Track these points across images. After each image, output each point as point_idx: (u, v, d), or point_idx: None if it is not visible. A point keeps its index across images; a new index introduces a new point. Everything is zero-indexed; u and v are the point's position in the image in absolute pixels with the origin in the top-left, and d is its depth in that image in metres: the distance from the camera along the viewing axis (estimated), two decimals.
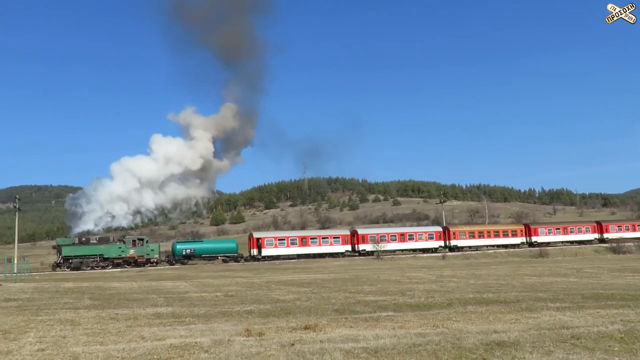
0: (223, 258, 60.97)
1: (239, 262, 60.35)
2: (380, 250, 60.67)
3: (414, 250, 66.75)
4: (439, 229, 71.40)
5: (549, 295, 16.72)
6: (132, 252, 55.85)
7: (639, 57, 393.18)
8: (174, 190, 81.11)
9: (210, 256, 61.09)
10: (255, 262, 59.29)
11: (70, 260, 53.28)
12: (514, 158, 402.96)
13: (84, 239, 57.97)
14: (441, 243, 67.91)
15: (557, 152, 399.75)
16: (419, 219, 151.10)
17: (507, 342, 8.66)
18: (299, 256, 62.44)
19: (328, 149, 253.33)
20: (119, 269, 53.45)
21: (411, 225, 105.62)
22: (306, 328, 10.61)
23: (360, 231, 70.08)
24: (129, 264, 55.37)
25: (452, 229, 70.25)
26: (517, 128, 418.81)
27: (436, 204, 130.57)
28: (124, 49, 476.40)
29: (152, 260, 56.92)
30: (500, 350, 8.06)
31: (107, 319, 13.12)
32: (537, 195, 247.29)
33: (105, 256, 54.90)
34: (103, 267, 53.75)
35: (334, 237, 65.94)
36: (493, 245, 69.08)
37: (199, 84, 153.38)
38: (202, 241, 68.08)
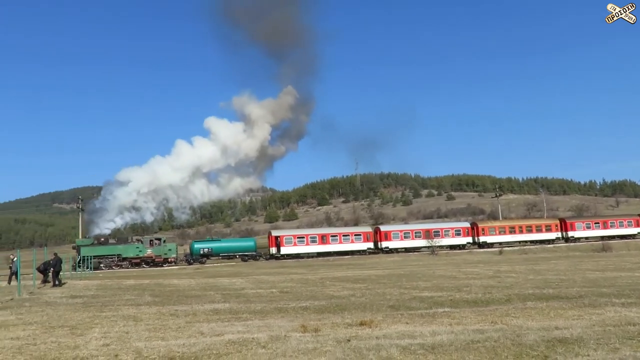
0: (242, 256, 61.30)
1: (257, 260, 60.66)
2: (436, 246, 59.86)
3: (440, 247, 65.00)
4: (467, 225, 69.27)
5: (613, 291, 16.11)
6: (149, 251, 56.89)
7: None
8: (228, 182, 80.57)
9: (228, 255, 61.54)
10: (276, 261, 59.26)
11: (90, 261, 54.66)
12: (573, 149, 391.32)
13: (102, 239, 59.46)
14: (469, 239, 65.83)
15: (619, 142, 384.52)
16: (474, 213, 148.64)
17: (570, 339, 8.40)
18: (319, 254, 61.82)
19: (381, 144, 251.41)
20: (176, 267, 54.74)
21: (460, 220, 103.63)
22: (362, 324, 10.59)
23: (383, 228, 68.71)
24: (147, 263, 56.41)
25: (480, 225, 68.01)
26: (576, 118, 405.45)
27: (491, 197, 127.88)
28: (175, 48, 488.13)
29: (169, 259, 57.75)
30: (562, 347, 7.82)
31: (168, 315, 13.45)
32: (598, 187, 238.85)
33: (124, 256, 55.98)
34: (121, 267, 54.71)
35: (355, 235, 64.84)
36: (526, 241, 66.41)
37: (250, 79, 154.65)
38: (219, 240, 68.19)
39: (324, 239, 63.30)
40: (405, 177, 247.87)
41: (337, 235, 64.49)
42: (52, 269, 26.83)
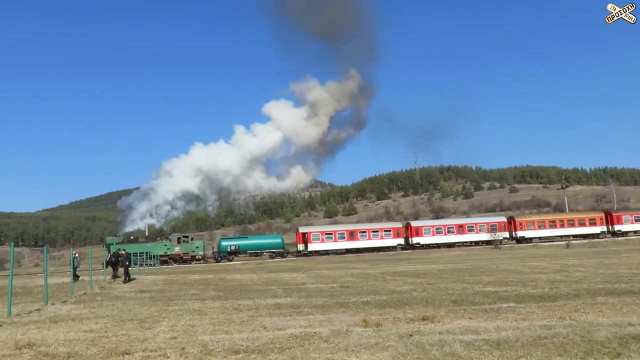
0: (269, 254, 61.19)
1: (285, 257, 60.46)
2: (499, 240, 58.52)
3: (476, 242, 62.83)
4: (503, 219, 66.70)
5: None
6: (177, 249, 58.04)
7: None
8: (287, 171, 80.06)
9: (255, 252, 61.47)
10: (306, 257, 59.01)
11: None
12: None
13: (132, 237, 60.92)
14: (506, 234, 63.43)
15: None
16: (539, 205, 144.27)
17: None
18: (347, 251, 61.06)
19: (441, 134, 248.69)
20: (239, 262, 55.81)
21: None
22: (424, 319, 10.46)
23: (414, 224, 67.27)
24: (175, 261, 57.52)
25: (518, 219, 65.35)
26: None
27: (557, 189, 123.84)
28: (229, 47, 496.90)
29: (197, 257, 58.73)
30: (636, 345, 7.48)
31: (231, 309, 13.71)
32: None
33: (152, 254, 57.22)
34: (150, 265, 55.95)
35: (384, 231, 63.93)
36: (568, 236, 62.98)
37: (307, 70, 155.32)
38: (247, 237, 68.32)
39: (352, 235, 62.71)
40: (466, 170, 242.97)
41: (366, 232, 63.88)
42: (126, 263, 27.88)
